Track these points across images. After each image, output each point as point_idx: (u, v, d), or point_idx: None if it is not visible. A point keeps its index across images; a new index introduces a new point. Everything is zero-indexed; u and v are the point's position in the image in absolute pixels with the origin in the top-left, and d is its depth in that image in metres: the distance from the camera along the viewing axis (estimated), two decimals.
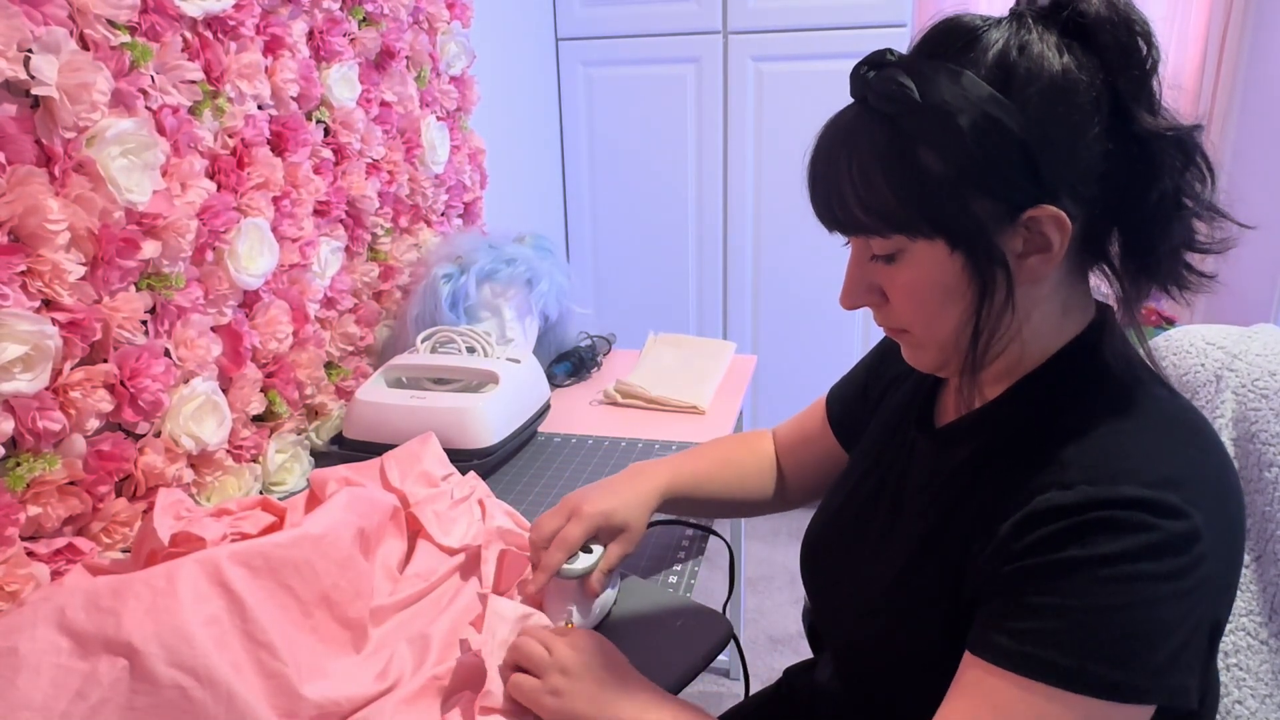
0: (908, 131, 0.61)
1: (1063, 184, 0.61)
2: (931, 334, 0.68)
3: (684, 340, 1.79)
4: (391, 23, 1.45)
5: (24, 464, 0.87)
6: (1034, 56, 0.60)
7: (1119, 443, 0.60)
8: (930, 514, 0.71)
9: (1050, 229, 0.61)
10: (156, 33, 0.96)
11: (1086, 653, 0.56)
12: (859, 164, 0.63)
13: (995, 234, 0.62)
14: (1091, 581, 0.56)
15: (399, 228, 1.55)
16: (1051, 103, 0.59)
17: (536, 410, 1.37)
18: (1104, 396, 0.64)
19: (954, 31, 0.63)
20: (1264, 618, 0.82)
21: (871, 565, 0.75)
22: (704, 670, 0.86)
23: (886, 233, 0.64)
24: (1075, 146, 0.60)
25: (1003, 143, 0.59)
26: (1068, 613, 0.56)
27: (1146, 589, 0.55)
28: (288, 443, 1.25)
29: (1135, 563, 0.55)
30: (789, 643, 2.21)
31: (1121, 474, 0.58)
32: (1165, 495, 0.56)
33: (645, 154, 2.52)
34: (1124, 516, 0.56)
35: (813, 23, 2.28)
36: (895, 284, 0.67)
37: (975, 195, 0.61)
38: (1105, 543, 0.56)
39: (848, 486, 0.85)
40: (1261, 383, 0.84)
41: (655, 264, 2.60)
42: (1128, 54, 0.60)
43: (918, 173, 0.61)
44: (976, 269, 0.63)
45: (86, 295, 0.91)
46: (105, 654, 0.70)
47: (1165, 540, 0.55)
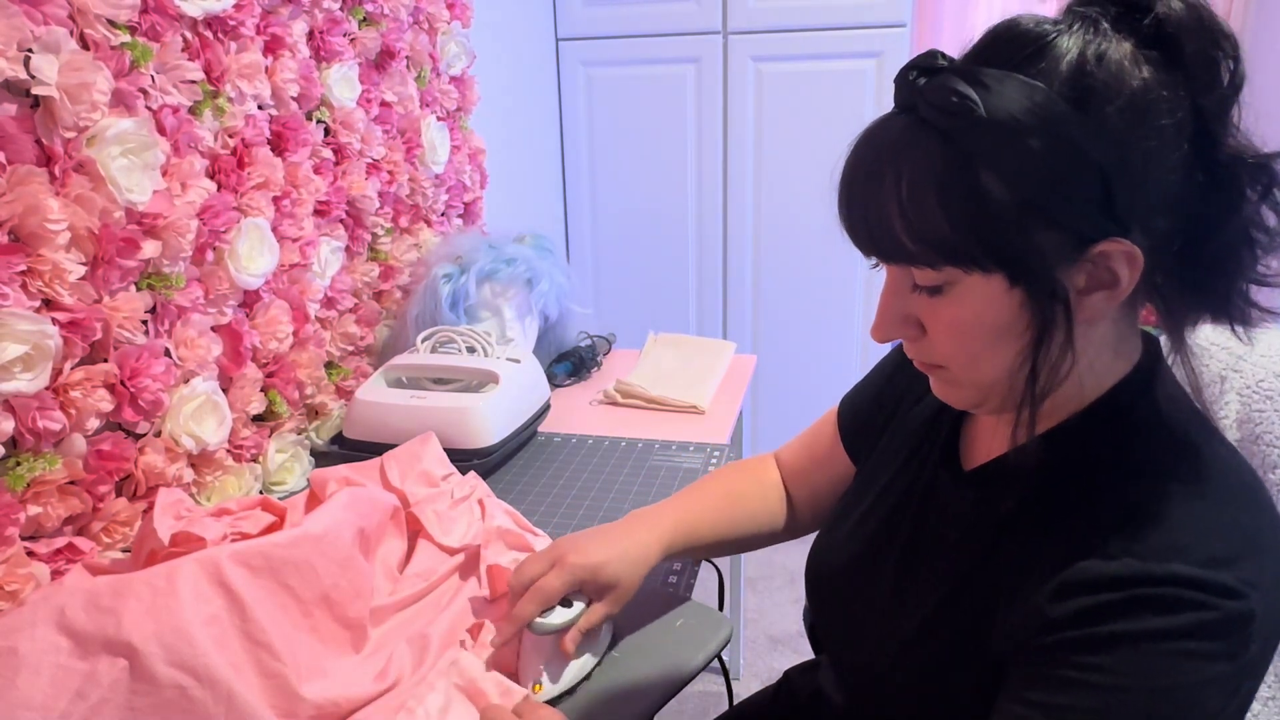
0: (968, 150, 0.53)
1: (1137, 214, 0.54)
2: (973, 375, 0.62)
3: (684, 340, 1.79)
4: (391, 23, 1.45)
5: (24, 463, 0.87)
6: (1112, 69, 0.53)
7: (1169, 511, 0.55)
8: (958, 562, 0.66)
9: (1120, 264, 0.55)
10: (157, 33, 0.96)
11: None
12: (909, 185, 0.55)
13: (1058, 268, 0.55)
14: (1139, 658, 0.52)
15: (399, 228, 1.55)
16: (1132, 124, 0.52)
17: (536, 410, 1.37)
18: (1152, 452, 0.59)
19: (1019, 37, 0.55)
20: None
21: (890, 608, 0.71)
22: (704, 670, 0.86)
23: (937, 264, 0.57)
24: (1154, 174, 0.54)
25: (1077, 168, 0.52)
26: (1112, 691, 0.52)
27: (1197, 669, 0.51)
28: (288, 442, 1.25)
29: (1186, 640, 0.51)
30: (789, 643, 2.21)
31: (1170, 550, 0.53)
32: (1217, 575, 0.52)
33: (645, 154, 2.52)
34: (1174, 594, 0.52)
35: (813, 23, 2.28)
36: (939, 318, 0.60)
37: (1039, 225, 0.54)
38: (1154, 618, 0.52)
39: (858, 511, 0.80)
40: (1266, 384, 0.84)
41: (655, 264, 2.60)
42: (1213, 70, 0.54)
43: (978, 198, 0.53)
44: (1037, 307, 0.56)
45: (86, 295, 0.91)
46: (105, 654, 0.70)
47: (1219, 620, 0.51)
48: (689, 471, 1.27)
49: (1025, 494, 0.63)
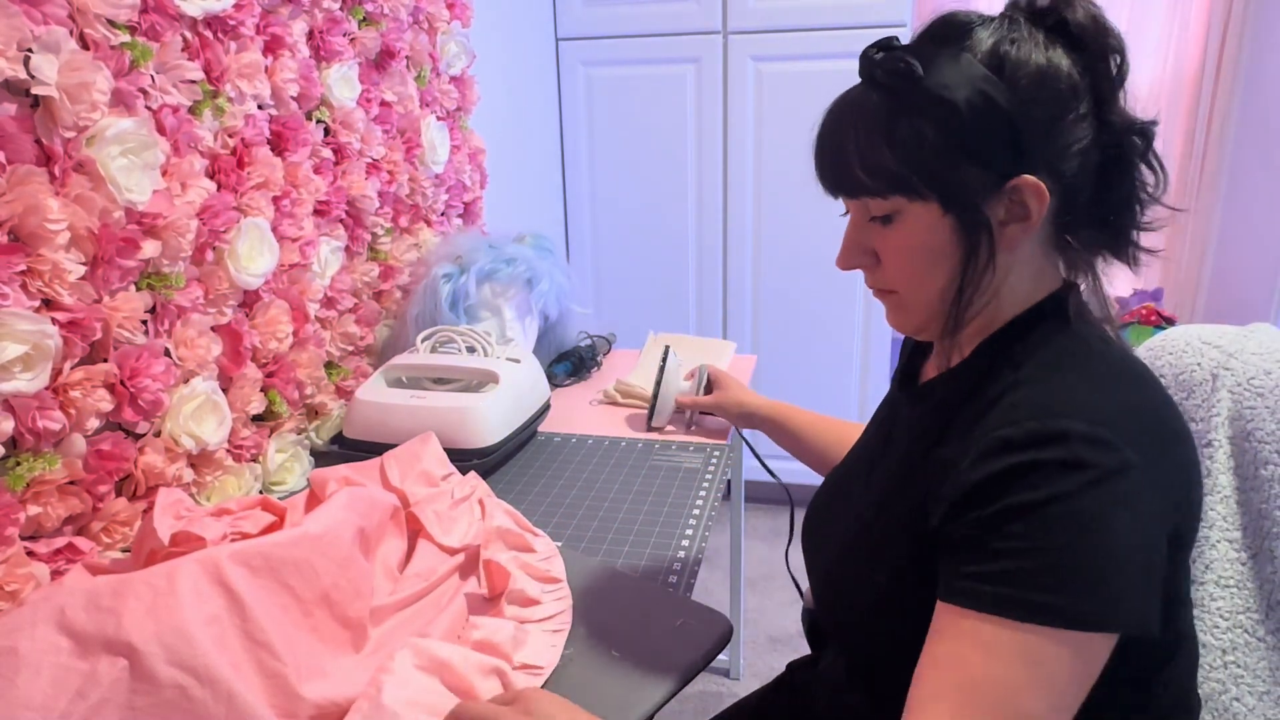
0: (909, 104, 0.68)
1: (1043, 158, 0.68)
2: (917, 294, 0.74)
3: (684, 340, 1.79)
4: (391, 23, 1.45)
5: (24, 463, 0.87)
6: (1023, 47, 0.68)
7: (1065, 387, 0.66)
8: (903, 462, 0.77)
9: (1030, 198, 0.68)
10: (156, 32, 0.97)
11: (1056, 588, 0.60)
12: (864, 131, 0.70)
13: (982, 200, 0.69)
14: (1044, 521, 0.61)
15: (399, 227, 1.55)
16: (1037, 86, 0.67)
17: (536, 410, 1.37)
18: (1056, 351, 0.70)
19: (952, 24, 0.70)
20: (1261, 615, 0.82)
21: (851, 514, 0.82)
22: (704, 670, 0.86)
23: (886, 193, 0.71)
24: (1056, 126, 0.68)
25: (992, 116, 0.66)
26: (1028, 554, 0.61)
27: (1093, 521, 0.60)
28: (288, 442, 1.25)
29: (1079, 498, 0.60)
30: (789, 642, 2.21)
31: (1063, 412, 0.63)
32: (1100, 431, 0.61)
33: (645, 154, 2.52)
34: (1063, 455, 0.61)
35: (813, 23, 2.29)
36: (889, 245, 0.74)
37: (966, 163, 0.67)
38: (1049, 484, 0.61)
39: (850, 454, 0.94)
40: (1257, 381, 0.84)
41: (655, 264, 2.60)
42: (1105, 58, 0.69)
43: (917, 139, 0.68)
44: (964, 231, 0.69)
45: (86, 295, 0.91)
46: (105, 654, 0.70)
47: (1102, 475, 0.60)
48: (689, 471, 1.27)
49: (954, 394, 0.75)
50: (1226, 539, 0.84)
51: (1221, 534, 0.84)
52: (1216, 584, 0.84)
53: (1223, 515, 0.85)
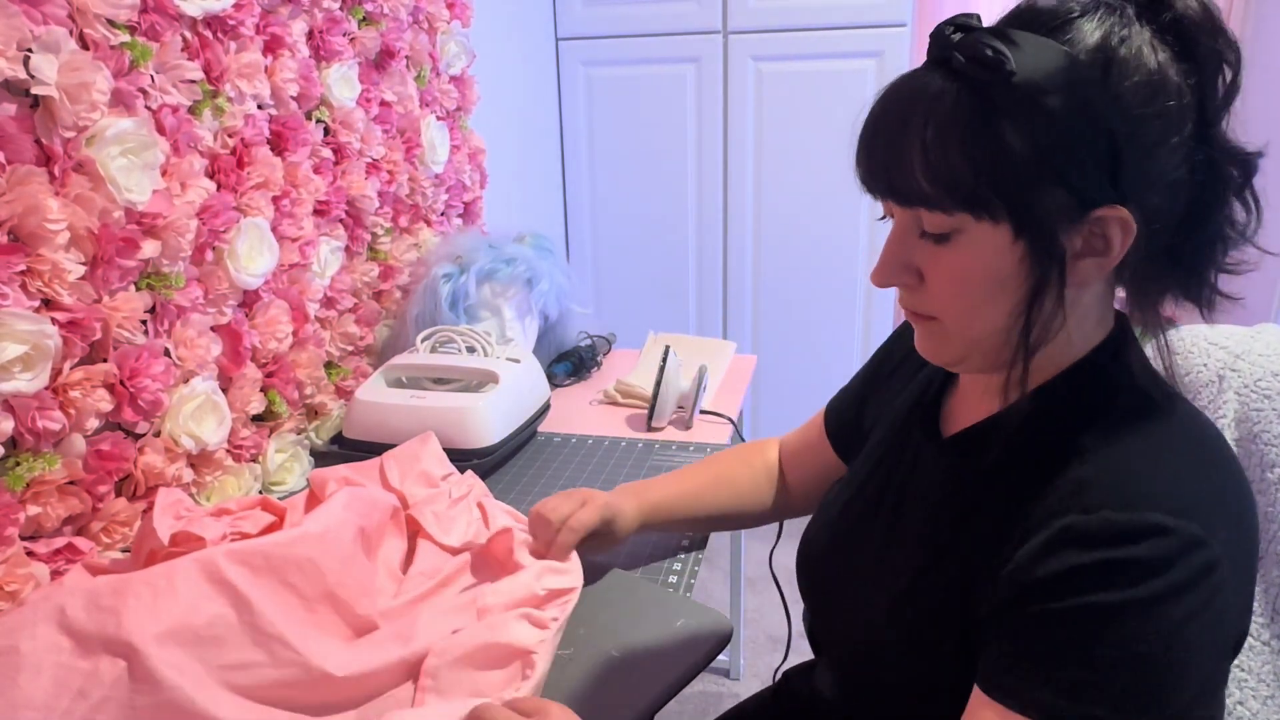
0: (994, 102, 0.56)
1: (1137, 187, 0.58)
2: (965, 327, 0.64)
3: (684, 340, 1.79)
4: (391, 22, 1.45)
5: (24, 463, 0.87)
6: (1133, 48, 0.57)
7: (1141, 465, 0.58)
8: (938, 525, 0.68)
9: (1114, 232, 0.58)
10: (156, 32, 0.96)
11: (1113, 704, 0.54)
12: (935, 129, 0.58)
13: (1060, 228, 0.58)
14: (1117, 629, 0.54)
15: (399, 227, 1.55)
16: (1146, 99, 0.56)
17: (536, 410, 1.37)
18: (1124, 413, 0.61)
19: (1048, 10, 0.59)
20: (1266, 619, 0.82)
21: (874, 576, 0.73)
22: (704, 670, 0.86)
23: (950, 208, 0.59)
24: (1157, 151, 0.57)
25: (1092, 132, 0.56)
26: (1093, 663, 0.54)
27: (1171, 634, 0.53)
28: (288, 442, 1.25)
29: (1162, 604, 0.53)
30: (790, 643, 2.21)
31: (1143, 499, 0.55)
32: (1187, 524, 0.54)
33: (645, 154, 2.52)
34: (1147, 555, 0.54)
35: (813, 23, 2.28)
36: (940, 266, 0.62)
37: (1051, 182, 0.57)
38: (1130, 587, 0.54)
39: (847, 494, 0.83)
40: (1264, 383, 0.84)
41: (655, 264, 2.60)
42: (1219, 69, 0.58)
43: (998, 147, 0.56)
44: (1036, 262, 0.59)
45: (86, 295, 0.91)
46: (106, 653, 0.70)
47: (1189, 578, 0.54)
48: None
49: (1003, 454, 0.65)
50: None
51: None
52: None
53: None
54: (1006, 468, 0.64)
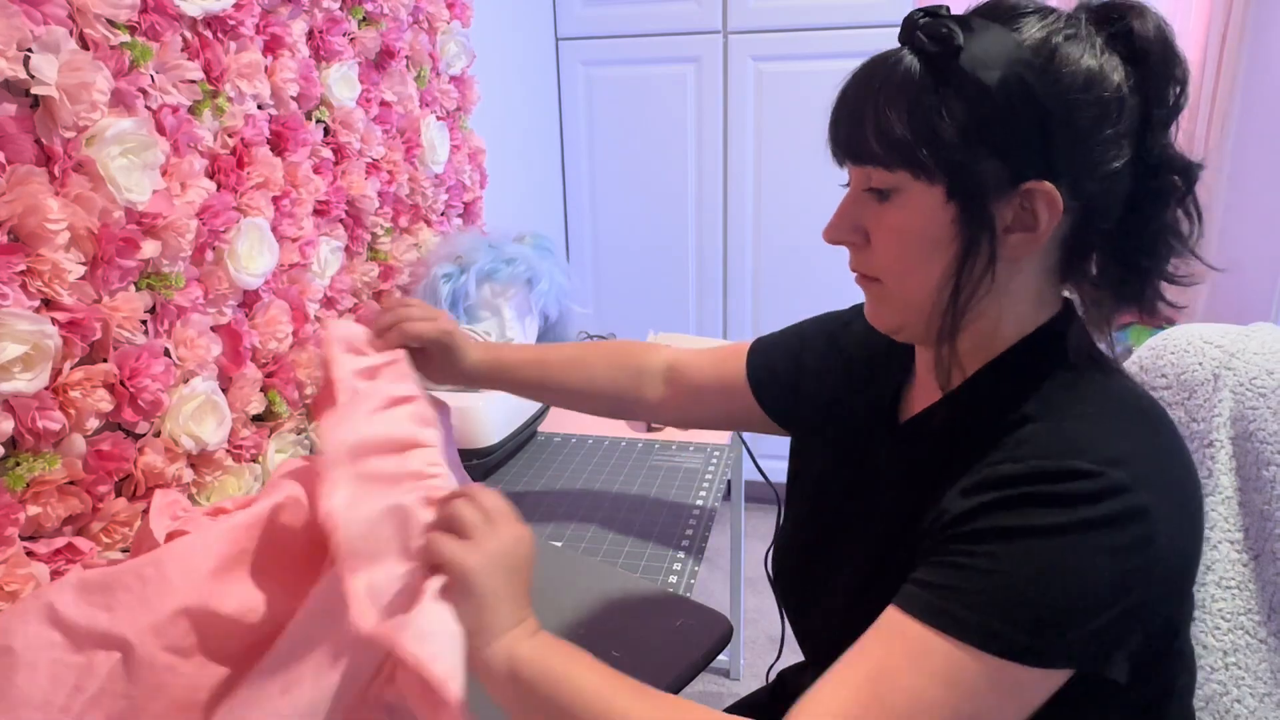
0: (942, 74, 0.62)
1: (1068, 168, 0.62)
2: (903, 286, 0.69)
3: (684, 340, 1.79)
4: (391, 22, 1.45)
5: (24, 464, 0.87)
6: (1077, 44, 0.62)
7: (1075, 425, 0.61)
8: (897, 507, 0.71)
9: (1041, 206, 0.63)
10: (156, 32, 0.96)
11: (999, 614, 0.57)
12: (887, 93, 0.64)
13: (991, 197, 0.63)
14: (1021, 548, 0.57)
15: (399, 227, 1.55)
16: (1081, 88, 0.61)
17: (536, 410, 1.37)
18: (1063, 386, 0.65)
19: (1008, 6, 0.65)
20: (1262, 616, 0.82)
21: (841, 565, 0.76)
22: (704, 670, 0.86)
23: (892, 165, 0.65)
24: (1090, 138, 0.62)
25: (1025, 108, 0.61)
26: (990, 575, 0.58)
27: (1079, 560, 0.56)
28: (288, 442, 1.25)
29: (1068, 535, 0.56)
30: (788, 643, 2.21)
31: (1073, 451, 0.59)
32: (1113, 472, 0.57)
33: (645, 154, 2.52)
34: (1066, 490, 0.57)
35: (813, 23, 2.29)
36: (883, 224, 0.68)
37: (985, 151, 0.62)
38: (1042, 515, 0.57)
39: (815, 493, 0.85)
40: (1259, 381, 0.84)
41: (655, 264, 2.60)
42: (1166, 84, 0.63)
43: (940, 114, 0.62)
44: (966, 225, 0.64)
45: (86, 295, 0.91)
46: (98, 647, 0.70)
47: (1105, 517, 0.56)
48: (689, 471, 1.27)
49: (951, 436, 0.69)
50: (1228, 540, 0.84)
51: (1223, 535, 0.84)
52: (1218, 585, 0.83)
53: (1224, 516, 0.85)
54: (955, 448, 0.68)
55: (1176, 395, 0.89)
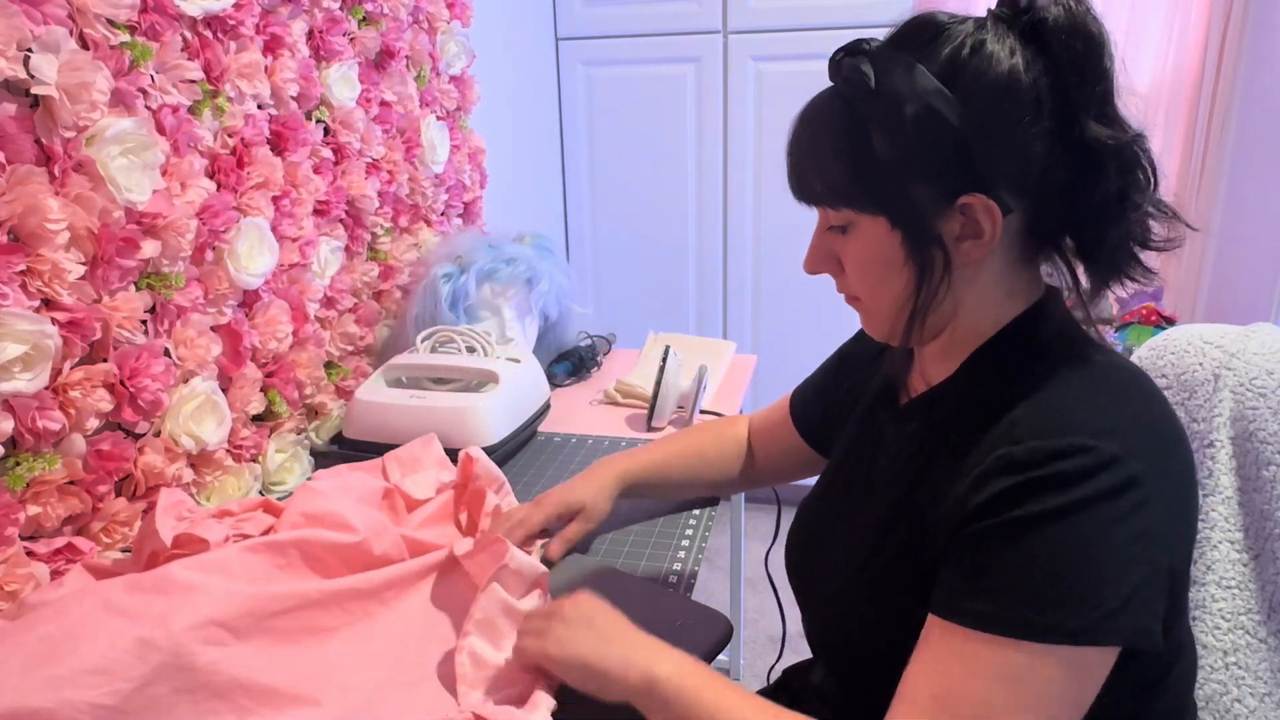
0: (861, 114, 0.66)
1: (998, 176, 0.65)
2: (877, 305, 0.73)
3: (684, 340, 1.79)
4: (391, 22, 1.45)
5: (24, 463, 0.87)
6: (984, 56, 0.64)
7: (1064, 401, 0.64)
8: (897, 486, 0.74)
9: (982, 216, 0.65)
10: (156, 32, 0.97)
11: (1042, 604, 0.59)
12: (819, 139, 0.70)
13: (933, 216, 0.66)
14: (1037, 536, 0.59)
15: (399, 227, 1.55)
16: (993, 101, 0.63)
17: (536, 410, 1.37)
18: (1049, 363, 0.67)
19: (922, 27, 0.68)
20: (1262, 616, 0.82)
21: (845, 547, 0.79)
22: None
23: (837, 205, 0.70)
24: (1013, 143, 0.64)
25: (941, 133, 0.64)
26: (1014, 567, 0.60)
27: (1094, 537, 0.58)
28: (288, 442, 1.25)
29: (1075, 514, 0.59)
30: (789, 642, 2.21)
31: (1066, 427, 0.61)
32: (1105, 444, 0.59)
33: (645, 154, 2.52)
34: (1064, 469, 0.59)
35: (813, 23, 2.29)
36: (846, 254, 0.73)
37: (914, 179, 0.66)
38: (1047, 499, 0.59)
39: (825, 479, 0.90)
40: (1259, 381, 0.84)
41: (655, 264, 2.60)
42: (1079, 63, 0.63)
43: (867, 153, 0.66)
44: (913, 247, 0.67)
45: (86, 295, 0.91)
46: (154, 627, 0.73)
47: (1108, 488, 0.59)
48: None
49: (943, 415, 0.73)
50: (1228, 540, 0.84)
51: (1223, 535, 0.84)
52: (1218, 585, 0.83)
53: (1224, 516, 0.85)
54: (948, 427, 0.71)
55: (1177, 395, 0.89)
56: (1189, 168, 2.44)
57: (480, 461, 1.06)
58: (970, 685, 0.60)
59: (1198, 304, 2.52)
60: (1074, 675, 0.59)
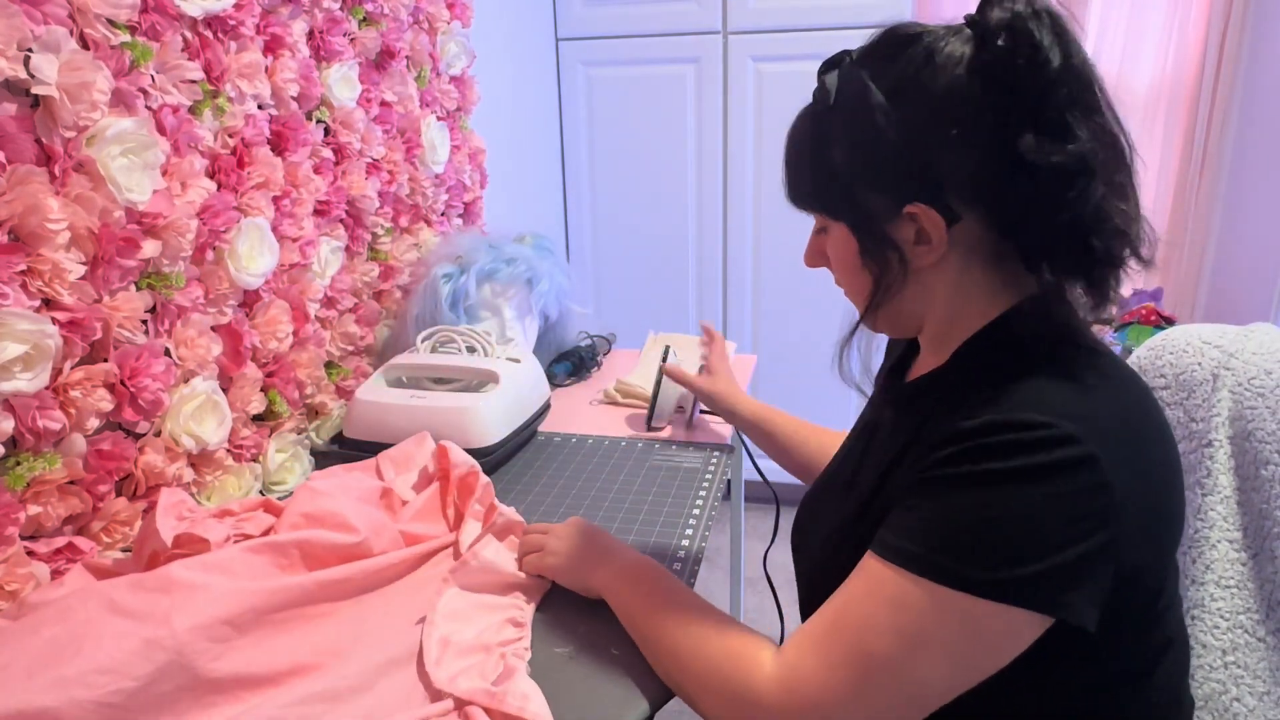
0: (822, 128, 0.73)
1: (942, 187, 0.67)
2: (854, 298, 0.80)
3: (684, 340, 1.79)
4: (391, 22, 1.45)
5: (24, 463, 0.87)
6: (931, 69, 0.66)
7: (1033, 387, 0.65)
8: (879, 465, 0.77)
9: (928, 224, 0.69)
10: (156, 32, 0.97)
11: (944, 549, 0.62)
12: (796, 148, 0.76)
13: (886, 223, 0.71)
14: (971, 492, 0.62)
15: (399, 227, 1.55)
16: (929, 114, 0.66)
17: (536, 410, 1.37)
18: (1024, 358, 0.68)
19: (890, 41, 0.70)
20: (1261, 615, 0.82)
21: (835, 520, 0.82)
22: None
23: (811, 209, 0.78)
24: (948, 155, 0.66)
25: (883, 147, 0.68)
26: (940, 515, 0.63)
27: (1026, 503, 0.60)
28: (288, 442, 1.25)
29: (1019, 480, 0.60)
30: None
31: (1025, 405, 0.63)
32: (1061, 423, 0.60)
33: (645, 154, 2.52)
34: (1014, 439, 0.61)
35: (813, 23, 2.29)
36: (829, 253, 0.80)
37: (866, 189, 0.71)
38: (995, 461, 0.61)
39: (838, 454, 0.95)
40: (1258, 381, 0.84)
41: (655, 264, 2.60)
42: (1016, 74, 0.63)
43: (826, 164, 0.72)
44: (867, 251, 0.73)
45: (86, 294, 0.91)
46: (158, 626, 0.74)
47: (1054, 463, 0.60)
48: (689, 471, 1.27)
49: (927, 404, 0.75)
50: (1227, 539, 0.84)
51: (1222, 534, 0.84)
52: (1217, 584, 0.84)
53: (1223, 515, 0.85)
54: (930, 414, 0.74)
55: (1175, 395, 0.89)
56: (1189, 168, 2.44)
57: (454, 450, 1.07)
58: (864, 605, 0.65)
59: (1197, 304, 2.52)
60: (965, 625, 0.62)
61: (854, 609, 0.66)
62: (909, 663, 0.63)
